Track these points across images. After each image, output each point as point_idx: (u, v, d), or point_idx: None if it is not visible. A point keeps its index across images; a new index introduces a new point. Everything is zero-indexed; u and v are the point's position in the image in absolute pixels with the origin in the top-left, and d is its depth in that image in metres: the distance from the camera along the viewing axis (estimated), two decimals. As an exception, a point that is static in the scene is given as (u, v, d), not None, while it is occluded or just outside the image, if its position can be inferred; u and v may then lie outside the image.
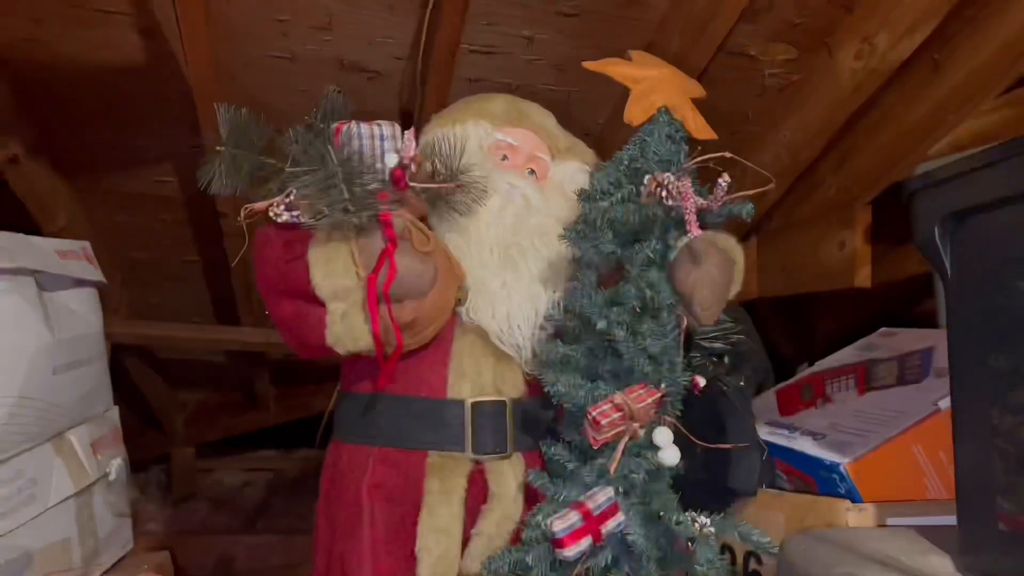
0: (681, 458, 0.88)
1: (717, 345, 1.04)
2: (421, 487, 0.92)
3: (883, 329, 1.20)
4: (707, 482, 0.94)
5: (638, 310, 0.86)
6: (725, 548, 0.86)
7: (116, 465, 1.36)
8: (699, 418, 0.92)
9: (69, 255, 1.32)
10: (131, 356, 2.10)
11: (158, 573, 1.09)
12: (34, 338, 1.17)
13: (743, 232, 1.86)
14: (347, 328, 0.87)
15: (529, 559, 0.84)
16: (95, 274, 1.39)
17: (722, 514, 0.88)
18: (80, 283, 1.35)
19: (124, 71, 1.45)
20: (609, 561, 0.88)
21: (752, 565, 0.95)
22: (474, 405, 0.93)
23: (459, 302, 0.92)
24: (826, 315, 2.12)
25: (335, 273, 0.87)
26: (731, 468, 0.92)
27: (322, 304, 0.89)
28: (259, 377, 2.31)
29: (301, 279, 0.88)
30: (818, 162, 1.70)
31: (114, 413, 1.45)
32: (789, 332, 2.13)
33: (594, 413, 0.83)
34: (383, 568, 0.92)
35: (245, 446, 2.63)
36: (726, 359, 1.06)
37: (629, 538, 0.86)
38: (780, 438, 1.02)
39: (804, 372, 1.18)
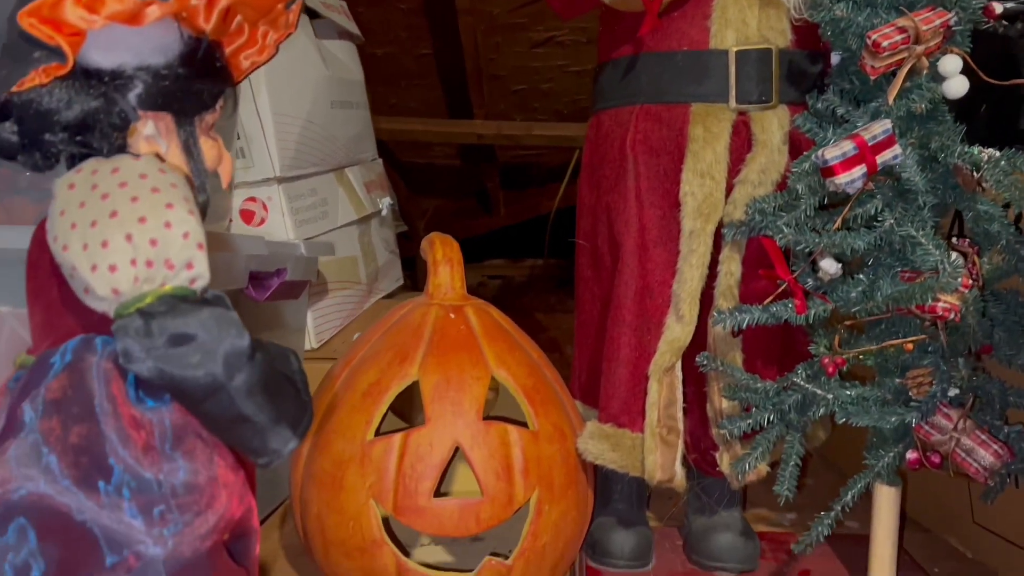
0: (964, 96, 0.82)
1: (1010, 4, 0.93)
2: (684, 135, 0.92)
3: None
4: (990, 134, 0.86)
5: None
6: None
7: (386, 203, 1.51)
8: (986, 62, 0.84)
9: (331, 8, 1.43)
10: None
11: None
12: (314, 69, 1.30)
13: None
14: (612, -29, 0.87)
15: (800, 187, 0.82)
16: (353, 27, 1.50)
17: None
18: (342, 35, 1.47)
19: None
20: (879, 208, 0.85)
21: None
22: (739, 54, 0.91)
23: (720, -54, 0.89)
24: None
25: (598, -86, 0.87)
26: (1026, 107, 0.84)
27: None
28: (490, 179, 2.43)
29: None
30: None
31: (379, 163, 1.60)
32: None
33: (875, 36, 0.78)
34: (648, 216, 0.95)
35: (478, 256, 2.81)
36: (1019, 24, 0.95)
37: (904, 175, 0.82)
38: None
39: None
